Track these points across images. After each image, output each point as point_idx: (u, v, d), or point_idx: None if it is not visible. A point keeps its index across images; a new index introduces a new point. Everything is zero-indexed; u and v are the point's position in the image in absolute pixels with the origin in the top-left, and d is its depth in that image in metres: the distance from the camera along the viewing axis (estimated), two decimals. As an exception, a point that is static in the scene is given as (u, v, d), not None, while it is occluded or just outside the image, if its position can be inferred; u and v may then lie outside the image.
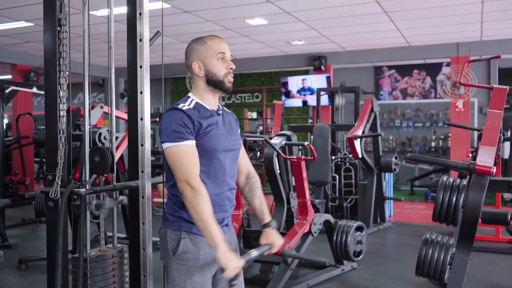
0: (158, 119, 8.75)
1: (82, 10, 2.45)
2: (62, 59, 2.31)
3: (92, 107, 4.99)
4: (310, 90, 10.00)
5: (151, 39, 2.57)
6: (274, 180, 4.56)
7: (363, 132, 6.19)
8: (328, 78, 9.64)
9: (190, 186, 1.77)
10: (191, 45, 1.98)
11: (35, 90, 7.67)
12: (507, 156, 7.61)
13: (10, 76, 10.05)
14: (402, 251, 5.49)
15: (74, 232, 4.43)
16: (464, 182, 3.05)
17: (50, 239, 2.32)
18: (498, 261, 4.94)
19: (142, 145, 2.35)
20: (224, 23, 7.30)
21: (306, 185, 4.40)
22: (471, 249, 2.93)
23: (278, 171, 4.70)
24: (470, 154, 5.52)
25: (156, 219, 3.10)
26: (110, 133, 2.72)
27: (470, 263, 2.96)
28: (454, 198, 2.99)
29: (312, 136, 6.41)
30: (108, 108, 3.86)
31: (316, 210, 5.90)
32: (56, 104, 2.32)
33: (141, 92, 2.35)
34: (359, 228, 4.44)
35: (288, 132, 4.63)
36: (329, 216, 4.41)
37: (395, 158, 6.54)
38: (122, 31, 2.48)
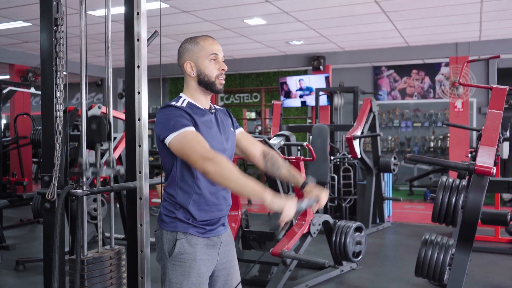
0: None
1: (79, 10, 2.43)
2: (59, 59, 2.28)
3: (90, 108, 4.96)
4: (309, 90, 9.99)
5: (148, 39, 2.56)
6: (273, 180, 4.55)
7: (362, 132, 6.17)
8: (327, 78, 9.63)
9: (208, 160, 1.71)
10: (184, 44, 1.97)
11: (33, 90, 7.65)
12: (506, 156, 7.60)
13: (8, 76, 10.03)
14: (401, 252, 5.48)
15: (72, 233, 4.40)
16: (464, 182, 3.04)
17: (47, 241, 2.30)
18: (498, 261, 4.93)
19: (140, 146, 2.33)
20: (222, 23, 7.28)
21: (305, 185, 4.37)
22: (471, 249, 2.92)
23: (277, 172, 4.67)
24: (469, 154, 5.51)
25: (154, 220, 3.08)
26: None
27: (469, 263, 2.94)
28: (454, 199, 2.98)
29: (311, 137, 6.40)
30: (106, 108, 3.84)
31: (315, 210, 5.88)
32: (52, 105, 2.30)
33: (138, 93, 2.33)
34: (358, 229, 4.42)
35: (286, 133, 4.61)
36: (328, 217, 4.40)
37: (394, 158, 6.53)
38: (121, 31, 2.46)
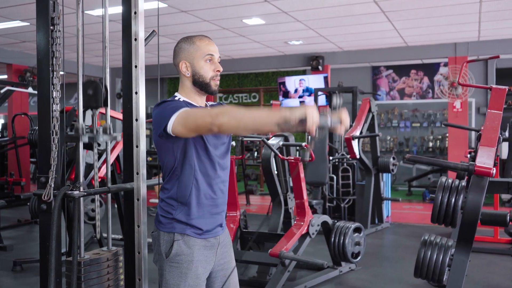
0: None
1: (76, 9, 2.41)
2: (55, 59, 2.27)
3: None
4: (309, 91, 9.97)
5: (146, 39, 2.54)
6: (272, 181, 4.54)
7: (361, 132, 6.16)
8: (325, 78, 9.61)
9: (216, 114, 1.65)
10: (180, 44, 1.95)
11: (30, 90, 7.62)
12: (505, 157, 7.59)
13: (6, 76, 10.00)
14: (400, 252, 5.46)
15: (69, 234, 4.38)
16: (463, 183, 3.03)
17: (43, 243, 2.28)
18: (497, 262, 4.92)
19: (137, 146, 2.31)
20: (221, 22, 7.26)
21: (304, 186, 4.37)
22: (471, 250, 2.90)
23: (276, 172, 4.67)
24: (469, 155, 5.50)
25: (152, 220, 3.06)
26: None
27: (468, 264, 2.93)
28: (453, 199, 2.96)
29: (309, 137, 6.38)
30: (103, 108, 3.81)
31: (314, 210, 5.87)
32: (49, 105, 2.28)
33: (136, 93, 2.32)
34: (357, 230, 4.41)
35: (285, 133, 4.60)
36: (327, 218, 4.38)
37: (393, 158, 6.52)
38: (118, 30, 2.44)
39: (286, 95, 10.36)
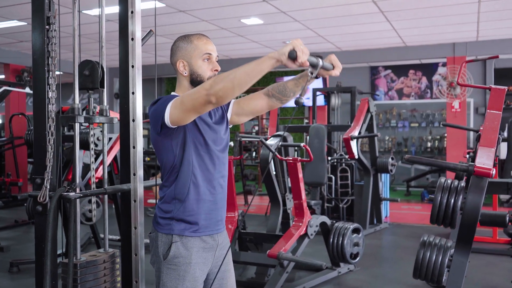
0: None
1: (72, 8, 2.39)
2: (51, 59, 2.24)
3: (85, 108, 4.92)
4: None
5: (143, 39, 2.52)
6: (270, 181, 4.52)
7: (360, 132, 6.14)
8: (324, 78, 9.59)
9: (209, 84, 1.65)
10: (178, 42, 1.93)
11: (28, 90, 7.59)
12: (504, 157, 7.59)
13: (3, 76, 9.97)
14: (399, 253, 5.45)
15: (66, 235, 4.36)
16: (462, 183, 3.01)
17: (39, 244, 2.25)
18: (496, 262, 4.91)
19: (134, 147, 2.29)
20: (219, 22, 7.24)
21: (302, 186, 4.35)
22: (470, 251, 2.89)
23: (274, 173, 4.65)
24: (467, 155, 5.49)
25: (150, 221, 3.04)
26: (103, 134, 2.65)
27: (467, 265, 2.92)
28: (453, 200, 2.94)
29: (308, 137, 6.37)
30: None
31: (312, 211, 5.85)
32: (45, 105, 2.26)
33: (133, 93, 2.29)
34: (355, 230, 4.39)
35: (284, 133, 4.58)
36: (325, 218, 4.36)
37: (392, 158, 6.50)
38: (115, 30, 2.42)
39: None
